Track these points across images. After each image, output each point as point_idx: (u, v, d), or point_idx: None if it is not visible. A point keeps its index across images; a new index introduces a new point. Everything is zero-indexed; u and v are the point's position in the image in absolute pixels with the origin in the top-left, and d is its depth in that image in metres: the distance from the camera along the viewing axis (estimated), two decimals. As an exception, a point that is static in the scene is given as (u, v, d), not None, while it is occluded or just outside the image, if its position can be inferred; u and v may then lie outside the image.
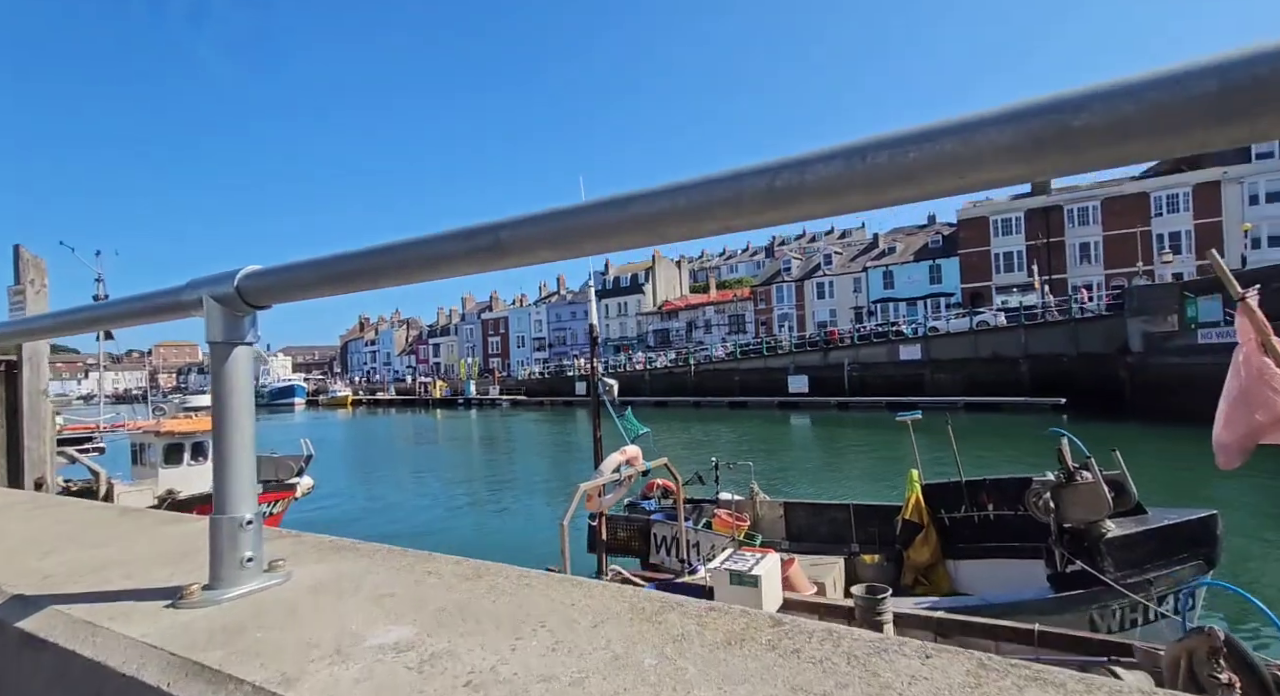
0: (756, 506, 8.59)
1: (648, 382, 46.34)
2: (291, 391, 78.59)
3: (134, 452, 12.16)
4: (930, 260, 47.73)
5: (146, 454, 11.80)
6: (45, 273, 3.58)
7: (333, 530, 7.15)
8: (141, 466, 11.92)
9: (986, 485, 7.01)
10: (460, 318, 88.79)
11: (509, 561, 4.09)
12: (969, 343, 34.39)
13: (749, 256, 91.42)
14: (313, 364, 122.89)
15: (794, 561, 6.37)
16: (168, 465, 11.48)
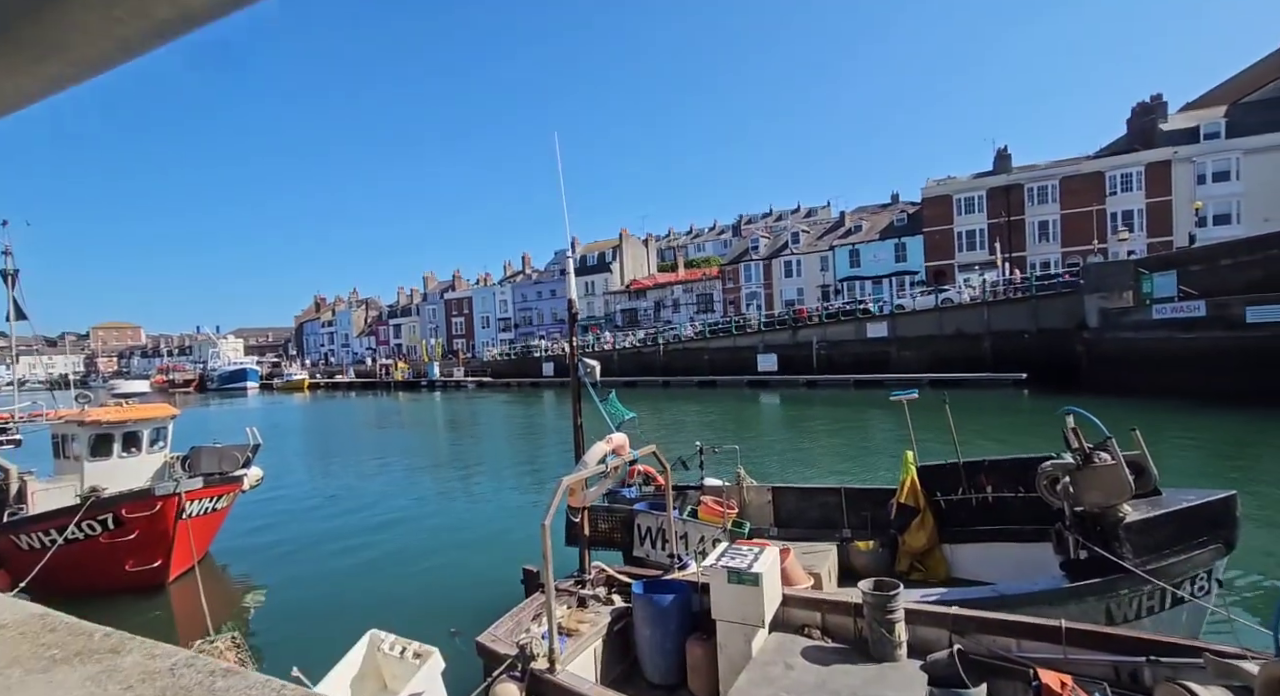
0: (743, 492, 8.17)
1: (616, 362, 45.77)
2: (244, 375, 75.16)
3: (56, 445, 10.98)
4: (895, 238, 48.16)
5: (70, 446, 10.66)
6: None
7: (286, 523, 6.32)
8: (65, 460, 10.77)
9: (985, 466, 6.72)
10: (422, 297, 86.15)
11: (481, 555, 3.18)
12: (934, 320, 34.89)
13: (716, 235, 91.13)
14: (266, 346, 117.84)
15: (790, 552, 5.96)
16: (95, 458, 10.39)
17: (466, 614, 7.70)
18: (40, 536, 8.76)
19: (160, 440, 11.39)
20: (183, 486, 8.96)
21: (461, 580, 9.34)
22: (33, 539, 8.80)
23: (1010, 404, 26.15)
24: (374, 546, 11.40)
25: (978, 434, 16.52)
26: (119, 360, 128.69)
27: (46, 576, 8.16)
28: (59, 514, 8.78)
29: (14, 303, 11.61)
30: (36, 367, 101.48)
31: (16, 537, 8.92)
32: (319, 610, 8.67)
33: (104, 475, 10.01)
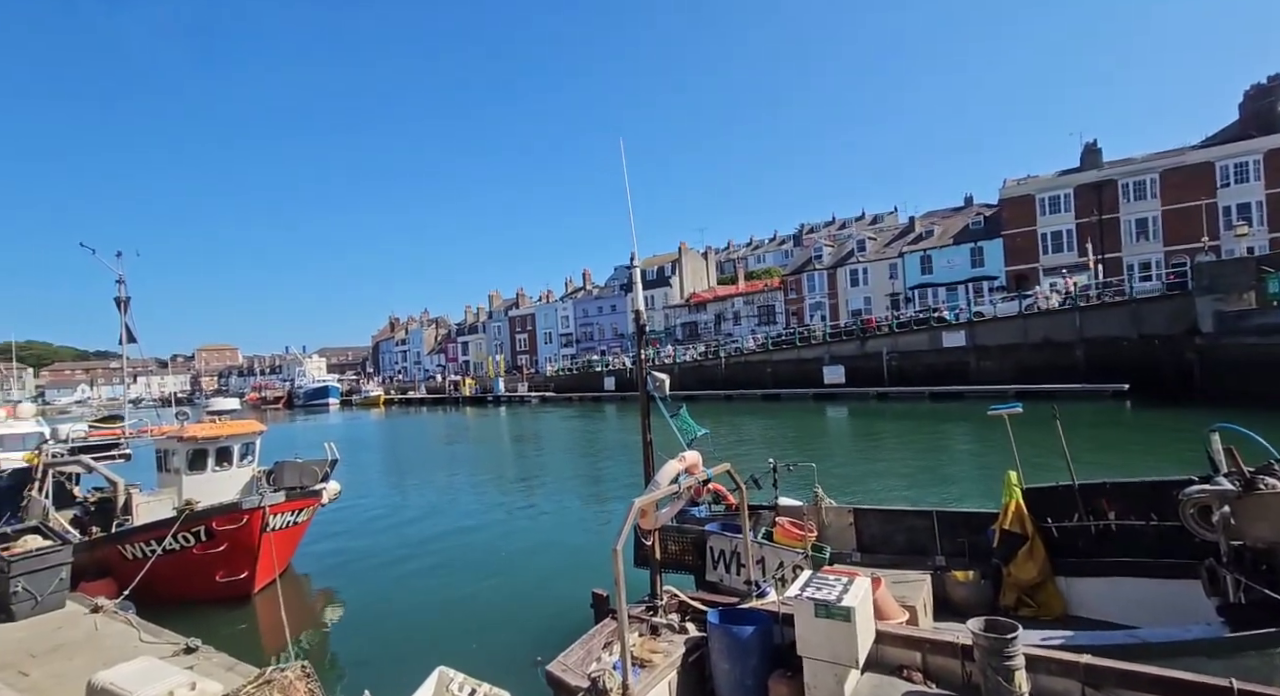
0: (822, 513, 7.63)
1: (677, 376, 45.35)
2: (326, 392, 79.86)
3: (159, 459, 11.77)
4: (971, 242, 45.57)
5: (170, 460, 11.39)
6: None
7: (361, 537, 6.25)
8: (166, 473, 11.52)
9: (1106, 489, 5.93)
10: (488, 315, 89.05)
11: (548, 574, 2.78)
12: (1018, 327, 32.56)
13: (776, 246, 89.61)
14: (346, 364, 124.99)
15: (881, 582, 5.42)
16: (191, 472, 11.04)
17: (534, 636, 7.53)
18: (142, 546, 9.31)
19: (249, 455, 11.98)
20: (267, 500, 9.31)
21: (529, 600, 9.20)
22: (136, 548, 9.37)
23: (1111, 417, 23.87)
24: (443, 563, 11.50)
25: (1079, 451, 15.06)
26: (219, 379, 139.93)
27: (147, 585, 8.63)
28: (158, 525, 9.31)
29: (125, 327, 12.60)
30: (151, 387, 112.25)
31: (122, 547, 9.52)
32: (390, 627, 8.74)
33: (199, 488, 10.60)
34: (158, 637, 6.77)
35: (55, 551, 8.08)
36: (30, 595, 7.62)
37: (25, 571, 7.63)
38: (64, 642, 6.84)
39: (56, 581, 7.88)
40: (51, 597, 7.80)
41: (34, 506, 10.68)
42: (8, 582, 7.53)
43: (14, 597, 7.52)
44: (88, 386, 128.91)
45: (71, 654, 6.52)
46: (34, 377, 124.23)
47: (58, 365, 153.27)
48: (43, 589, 7.71)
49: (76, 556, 8.73)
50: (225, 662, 6.04)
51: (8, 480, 12.01)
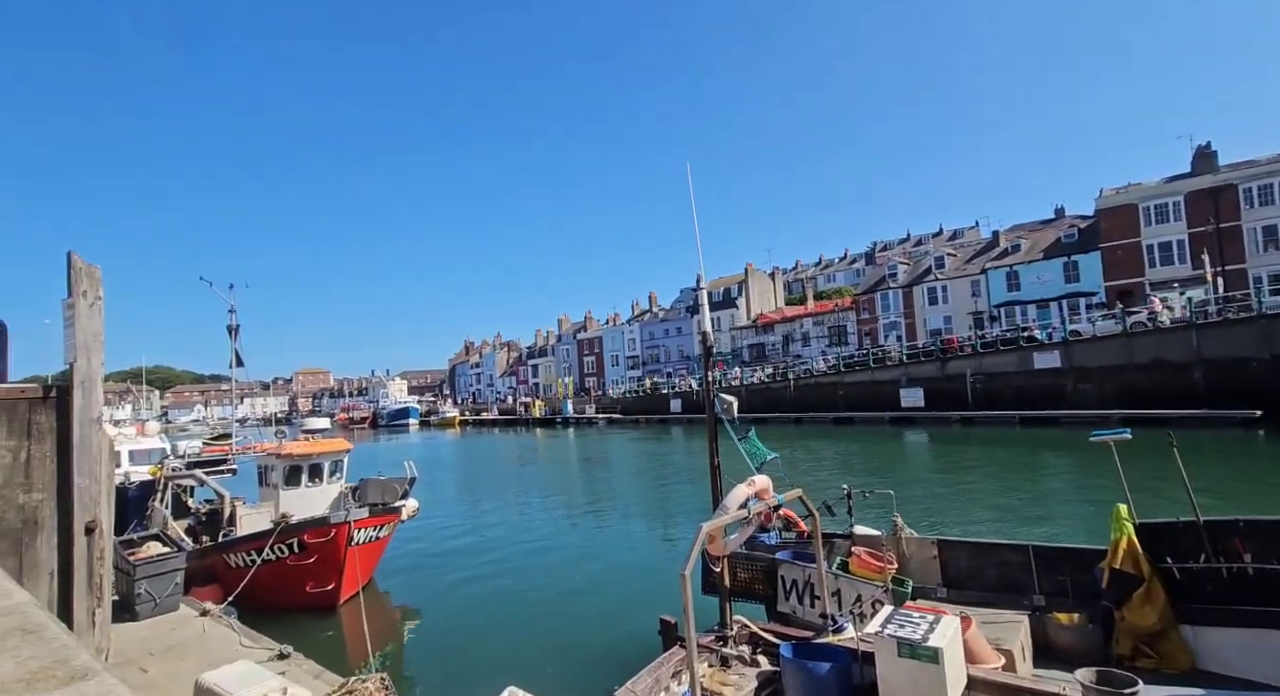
0: (902, 544, 7.19)
1: (744, 398, 44.57)
2: (406, 413, 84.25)
3: (260, 474, 12.75)
4: (1064, 257, 42.44)
5: (270, 475, 12.30)
6: (100, 283, 3.28)
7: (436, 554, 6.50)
8: (266, 488, 12.45)
9: (1240, 527, 5.26)
10: (556, 338, 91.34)
11: (616, 597, 2.76)
12: (1122, 347, 29.83)
13: (847, 265, 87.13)
14: (425, 386, 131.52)
15: (971, 622, 5.02)
16: (287, 487, 11.87)
17: (602, 660, 7.48)
18: (244, 555, 10.06)
19: (338, 472, 12.76)
20: (352, 515, 9.85)
21: (597, 622, 9.18)
22: (238, 557, 10.13)
23: (1240, 447, 21.28)
24: (514, 582, 11.70)
25: (1202, 484, 13.47)
26: (313, 400, 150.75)
27: (246, 592, 9.29)
28: (257, 536, 10.05)
29: (235, 353, 13.85)
30: (255, 407, 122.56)
31: (227, 556, 10.33)
32: (462, 644, 8.95)
33: (293, 502, 11.37)
34: (255, 642, 7.25)
35: (172, 558, 8.89)
36: (151, 597, 8.39)
37: (147, 575, 8.42)
38: (177, 643, 7.45)
39: (172, 585, 8.64)
40: (168, 600, 8.56)
41: (156, 515, 11.81)
42: (132, 585, 8.34)
43: (137, 599, 8.30)
44: (203, 406, 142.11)
45: (183, 654, 7.09)
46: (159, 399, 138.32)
47: (179, 387, 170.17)
48: (161, 592, 8.48)
49: (189, 563, 9.55)
50: (313, 670, 6.38)
51: (136, 491, 13.36)
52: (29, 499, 3.36)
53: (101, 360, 3.30)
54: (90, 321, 3.20)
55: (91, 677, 1.21)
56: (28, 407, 3.50)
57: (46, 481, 3.41)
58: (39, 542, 3.39)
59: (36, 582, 3.25)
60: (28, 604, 1.85)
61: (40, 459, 3.42)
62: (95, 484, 3.17)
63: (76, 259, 3.27)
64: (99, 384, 3.29)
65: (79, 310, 3.17)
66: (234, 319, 13.91)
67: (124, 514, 12.28)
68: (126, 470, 15.47)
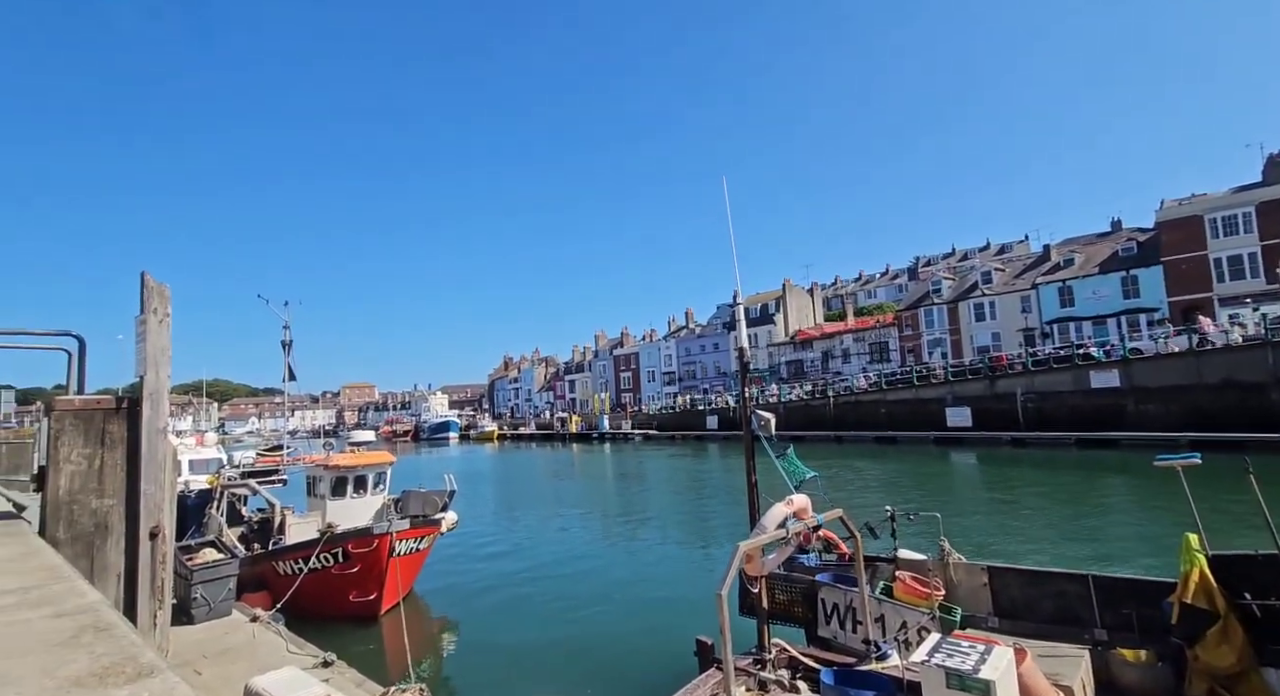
0: (950, 569, 6.90)
1: (782, 416, 43.79)
2: (447, 426, 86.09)
3: (308, 485, 13.20)
4: (1122, 271, 40.53)
5: (317, 486, 12.71)
6: (168, 300, 3.52)
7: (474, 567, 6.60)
8: (313, 498, 12.86)
9: (1329, 562, 4.86)
10: (594, 354, 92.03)
11: (652, 616, 2.75)
12: (1189, 366, 28.13)
13: (889, 280, 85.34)
14: (465, 401, 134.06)
15: (1026, 655, 4.76)
16: (334, 497, 12.24)
17: (637, 679, 7.40)
18: (291, 564, 10.39)
19: (381, 484, 13.10)
20: (394, 526, 10.08)
21: (632, 640, 9.09)
22: (286, 565, 10.47)
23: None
24: (551, 597, 11.72)
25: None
26: (359, 413, 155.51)
27: (293, 599, 9.58)
28: (305, 545, 10.38)
29: (288, 367, 14.46)
30: (305, 420, 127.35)
31: (276, 564, 10.69)
32: (499, 657, 8.99)
33: (339, 513, 11.71)
34: (301, 649, 7.45)
35: (227, 564, 9.26)
36: (206, 602, 8.74)
37: (203, 580, 8.79)
38: (229, 647, 7.73)
39: (226, 591, 8.99)
40: (222, 605, 8.90)
41: (212, 523, 12.34)
42: (189, 589, 8.71)
43: (194, 603, 8.66)
44: (257, 419, 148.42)
45: (234, 658, 7.34)
46: (217, 411, 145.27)
47: (235, 400, 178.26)
48: (215, 597, 8.83)
49: (241, 570, 9.92)
50: (355, 678, 6.51)
51: (195, 499, 14.02)
52: (101, 504, 3.59)
53: (168, 373, 3.53)
54: (159, 337, 3.43)
55: (157, 675, 1.28)
56: (102, 418, 3.76)
57: (117, 487, 3.64)
58: (108, 546, 3.61)
59: (105, 584, 3.46)
60: (100, 603, 1.97)
61: (112, 466, 3.66)
62: (160, 491, 3.37)
63: (149, 278, 3.53)
64: (165, 396, 3.51)
65: (150, 326, 3.41)
66: (288, 334, 14.55)
67: (183, 521, 12.87)
68: (186, 479, 16.27)
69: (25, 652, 1.54)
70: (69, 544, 3.44)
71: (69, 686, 1.28)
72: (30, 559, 2.86)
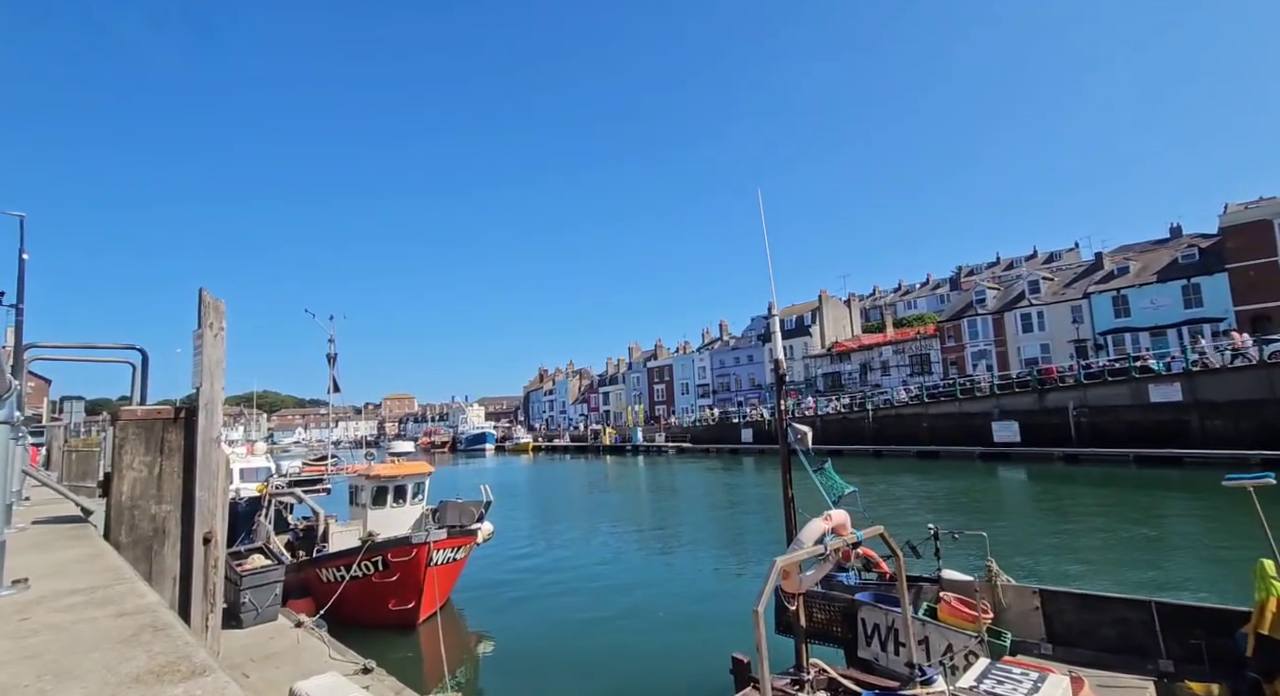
0: (998, 592, 6.60)
1: (819, 429, 42.94)
2: (483, 438, 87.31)
3: (350, 494, 13.56)
4: (1182, 279, 38.52)
5: (359, 495, 13.05)
6: (223, 315, 3.71)
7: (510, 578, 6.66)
8: (355, 507, 13.20)
9: None
10: (627, 366, 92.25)
11: (687, 632, 2.72)
12: (1260, 379, 26.44)
13: (930, 290, 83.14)
14: (501, 413, 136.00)
15: (1084, 684, 4.51)
16: (375, 507, 12.54)
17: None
18: (334, 571, 10.67)
19: (420, 494, 13.36)
20: (432, 536, 10.25)
21: (667, 655, 8.98)
22: (329, 573, 10.75)
23: None
24: (586, 610, 11.69)
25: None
26: (399, 424, 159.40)
27: (336, 606, 9.82)
28: (347, 553, 10.64)
29: (333, 380, 14.96)
30: (348, 431, 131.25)
31: (319, 571, 10.99)
32: (534, 669, 8.99)
33: (380, 522, 11.99)
34: (343, 656, 7.62)
35: (273, 570, 9.57)
36: (254, 607, 9.04)
37: (251, 585, 9.10)
38: (275, 651, 7.96)
39: (273, 596, 9.28)
40: (268, 610, 9.19)
41: (260, 530, 12.79)
42: (239, 594, 9.02)
43: (242, 607, 8.97)
44: (303, 429, 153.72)
45: (280, 662, 7.55)
46: (266, 422, 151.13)
47: (284, 411, 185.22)
48: (262, 602, 9.12)
49: (287, 576, 10.23)
50: (394, 686, 6.61)
51: (245, 506, 14.56)
52: (159, 510, 3.79)
53: (223, 385, 3.72)
54: (214, 350, 3.63)
55: (209, 674, 1.34)
56: (161, 427, 3.98)
57: (174, 494, 3.84)
58: (165, 550, 3.79)
59: (162, 587, 3.63)
60: (158, 604, 2.08)
61: (169, 473, 3.86)
62: (213, 497, 3.53)
63: (206, 294, 3.76)
64: (220, 406, 3.70)
65: (206, 339, 3.61)
66: (333, 348, 15.06)
67: (234, 527, 13.38)
68: (237, 486, 16.92)
69: (90, 649, 1.63)
70: (130, 547, 3.64)
71: (129, 683, 1.34)
72: (96, 560, 3.03)
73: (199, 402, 3.63)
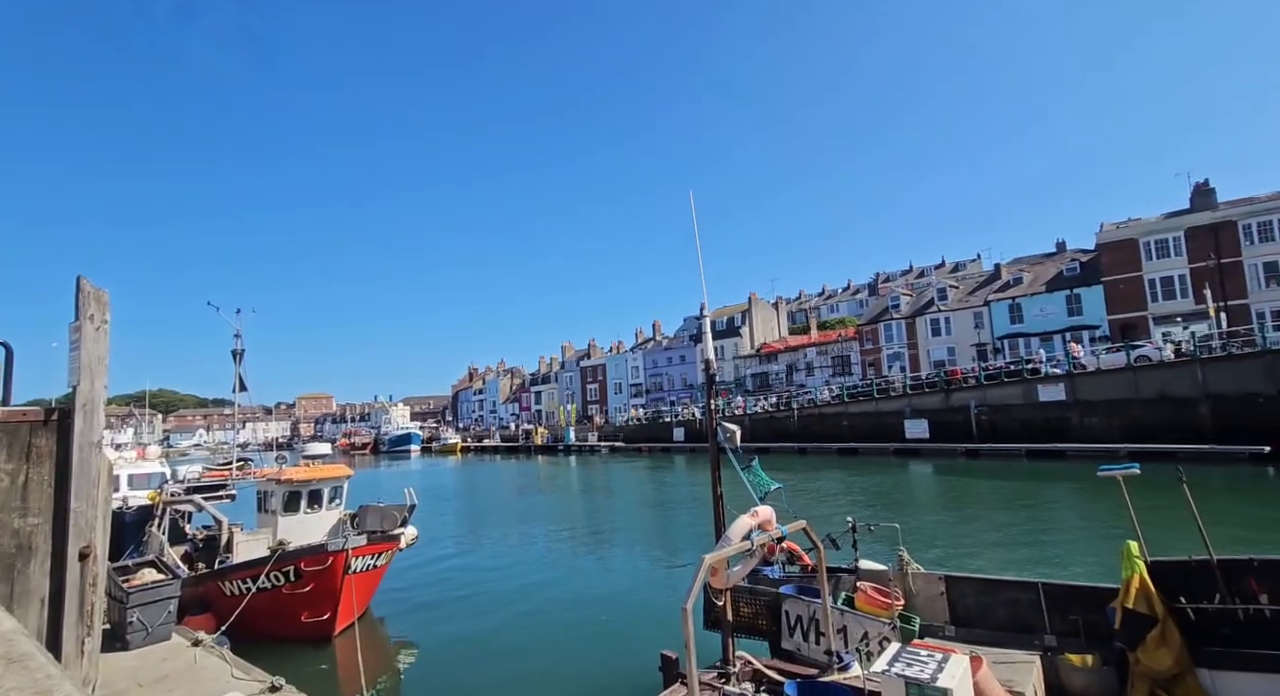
0: (909, 579, 7.03)
1: (748, 428, 44.22)
2: (408, 439, 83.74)
3: (259, 500, 12.64)
4: (1066, 290, 42.60)
5: (269, 501, 12.18)
6: (107, 307, 3.32)
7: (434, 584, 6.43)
8: (264, 513, 12.32)
9: (1255, 567, 5.13)
10: (560, 365, 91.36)
11: (617, 631, 2.75)
12: (1127, 381, 29.65)
13: (850, 295, 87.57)
14: (428, 413, 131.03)
15: (982, 662, 4.87)
16: (286, 513, 11.74)
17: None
18: (239, 583, 9.89)
19: (337, 498, 12.64)
20: (350, 542, 9.71)
21: (596, 657, 8.95)
22: (233, 585, 9.97)
23: (1248, 484, 20.93)
24: (512, 614, 11.46)
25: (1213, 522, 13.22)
26: (316, 425, 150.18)
27: (241, 621, 9.10)
28: (253, 564, 9.89)
29: (239, 377, 13.89)
30: (257, 432, 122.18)
31: (221, 584, 10.16)
32: (459, 677, 8.72)
33: (292, 529, 11.24)
34: (247, 674, 7.07)
35: (167, 585, 8.73)
36: (143, 626, 8.22)
37: (140, 603, 8.27)
38: (167, 674, 7.27)
39: (165, 614, 8.47)
40: (160, 629, 8.38)
41: (153, 541, 11.66)
42: (125, 613, 8.18)
43: (129, 627, 8.14)
44: (205, 431, 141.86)
45: (172, 686, 6.91)
46: (161, 423, 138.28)
47: (182, 411, 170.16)
48: (154, 620, 8.31)
49: (183, 590, 9.38)
50: (304, 704, 6.21)
51: (133, 515, 13.24)
52: (24, 524, 3.34)
53: (105, 383, 3.32)
54: (96, 345, 3.23)
55: (75, 709, 1.18)
56: (29, 431, 3.51)
57: (43, 505, 3.39)
58: (31, 568, 3.35)
59: (26, 609, 3.20)
60: (15, 632, 1.82)
61: (38, 483, 3.41)
62: (91, 508, 3.14)
63: (85, 283, 3.32)
64: (101, 407, 3.30)
65: (85, 333, 3.20)
66: (239, 343, 13.99)
67: (120, 539, 12.13)
68: (125, 494, 15.37)
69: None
70: (-13, 567, 3.18)
71: (-27, 725, 1.17)
72: (-59, 584, 2.63)
73: (75, 403, 3.22)
